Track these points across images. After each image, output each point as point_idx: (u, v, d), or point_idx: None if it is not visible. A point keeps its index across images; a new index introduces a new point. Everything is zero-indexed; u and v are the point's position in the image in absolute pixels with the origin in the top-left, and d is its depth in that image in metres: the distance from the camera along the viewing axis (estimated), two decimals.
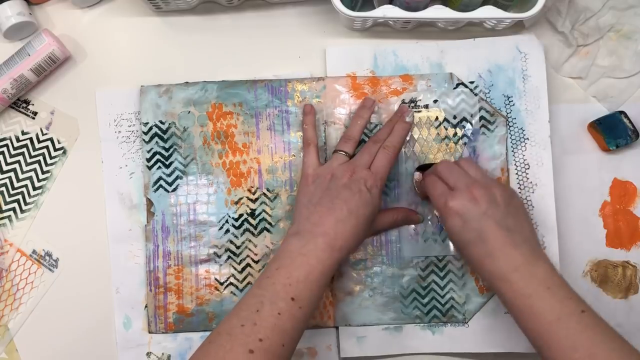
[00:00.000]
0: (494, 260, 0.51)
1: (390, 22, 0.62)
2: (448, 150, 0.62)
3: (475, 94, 0.62)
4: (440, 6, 0.60)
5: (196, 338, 0.62)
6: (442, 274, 0.61)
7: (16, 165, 0.64)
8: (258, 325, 0.48)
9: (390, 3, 0.61)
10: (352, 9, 0.59)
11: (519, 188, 0.62)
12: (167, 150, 0.62)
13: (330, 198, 0.55)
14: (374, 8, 0.60)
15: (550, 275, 0.50)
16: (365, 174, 0.56)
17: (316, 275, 0.51)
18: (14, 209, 0.63)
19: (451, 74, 0.62)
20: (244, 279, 0.62)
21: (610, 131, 0.62)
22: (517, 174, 0.62)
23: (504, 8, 0.60)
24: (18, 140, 0.64)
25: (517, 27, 0.63)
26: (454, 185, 0.55)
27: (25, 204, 0.64)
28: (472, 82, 0.62)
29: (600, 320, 0.48)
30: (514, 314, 0.51)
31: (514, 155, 0.62)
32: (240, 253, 0.62)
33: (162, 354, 0.62)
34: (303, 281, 0.51)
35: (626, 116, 0.62)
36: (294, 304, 0.50)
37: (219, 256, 0.62)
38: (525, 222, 0.54)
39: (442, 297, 0.61)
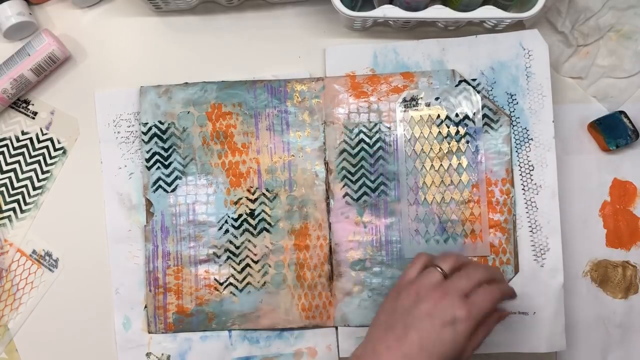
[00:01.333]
0: None
1: (390, 22, 0.62)
2: (450, 149, 0.62)
3: (478, 92, 0.62)
4: (440, 6, 0.60)
5: (196, 338, 0.62)
6: None
7: (16, 165, 0.64)
8: None
9: (390, 3, 0.61)
10: (352, 9, 0.59)
11: (522, 189, 0.61)
12: (166, 150, 0.62)
13: (404, 325, 0.47)
14: (374, 8, 0.60)
15: None
16: (458, 303, 0.47)
17: None
18: (14, 209, 0.64)
19: (453, 71, 0.62)
20: (244, 279, 0.62)
21: (610, 131, 0.62)
22: (521, 175, 0.62)
23: (504, 8, 0.59)
24: (18, 140, 0.64)
25: (517, 27, 0.63)
26: None
27: (25, 204, 0.64)
28: (474, 80, 0.62)
29: None
30: None
31: (518, 156, 0.62)
32: (239, 253, 0.62)
33: (162, 354, 0.62)
34: None
35: (626, 116, 0.61)
36: None
37: (219, 256, 0.62)
38: None
39: None
